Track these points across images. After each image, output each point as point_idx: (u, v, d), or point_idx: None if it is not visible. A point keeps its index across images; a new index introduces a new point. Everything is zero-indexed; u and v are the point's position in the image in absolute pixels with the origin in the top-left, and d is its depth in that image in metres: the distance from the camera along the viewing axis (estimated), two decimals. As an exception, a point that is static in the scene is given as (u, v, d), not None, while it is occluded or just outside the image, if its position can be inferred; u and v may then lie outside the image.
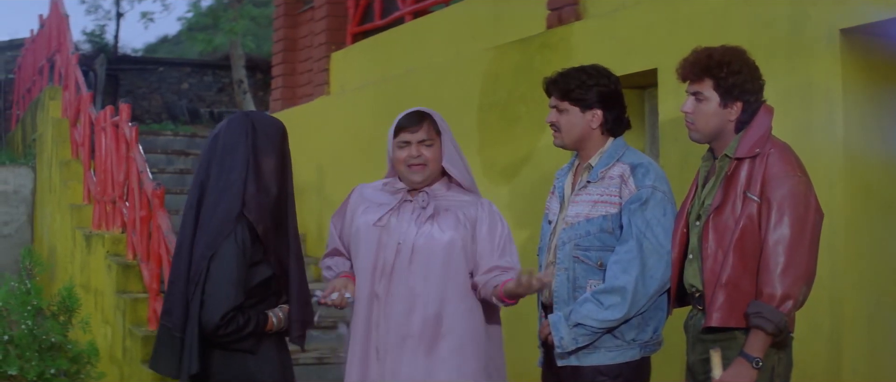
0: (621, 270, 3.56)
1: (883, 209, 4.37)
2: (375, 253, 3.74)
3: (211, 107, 17.93)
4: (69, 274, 9.26)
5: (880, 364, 4.32)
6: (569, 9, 5.93)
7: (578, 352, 3.65)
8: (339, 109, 8.41)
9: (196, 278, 3.43)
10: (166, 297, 3.62)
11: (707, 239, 3.39)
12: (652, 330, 3.68)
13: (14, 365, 5.20)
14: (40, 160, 11.52)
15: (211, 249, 3.43)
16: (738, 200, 3.34)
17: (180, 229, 3.60)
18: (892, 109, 4.43)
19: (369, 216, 3.80)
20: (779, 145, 3.39)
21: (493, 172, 6.30)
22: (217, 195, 3.50)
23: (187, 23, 20.82)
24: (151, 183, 7.43)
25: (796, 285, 3.22)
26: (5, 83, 16.69)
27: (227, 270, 3.41)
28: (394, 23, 8.21)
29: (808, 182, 3.32)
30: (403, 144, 3.79)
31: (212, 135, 3.64)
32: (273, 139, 3.60)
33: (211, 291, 3.41)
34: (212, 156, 3.57)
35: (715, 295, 3.33)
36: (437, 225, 3.75)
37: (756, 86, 3.45)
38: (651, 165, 3.72)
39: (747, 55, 3.49)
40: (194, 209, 3.54)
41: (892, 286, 4.38)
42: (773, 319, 3.20)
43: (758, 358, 3.22)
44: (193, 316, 3.43)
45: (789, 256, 3.22)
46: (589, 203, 3.71)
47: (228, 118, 3.66)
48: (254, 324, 3.48)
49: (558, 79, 3.82)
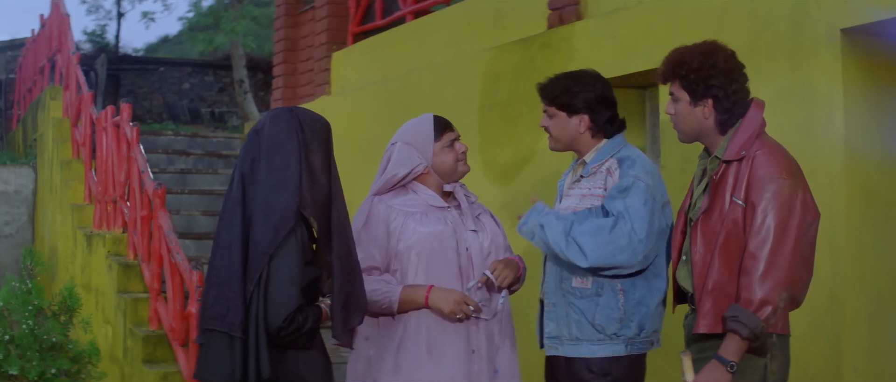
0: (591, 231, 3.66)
1: (883, 208, 4.38)
2: (456, 259, 3.75)
3: (212, 107, 17.95)
4: (70, 274, 9.26)
5: (881, 364, 4.32)
6: (570, 9, 5.94)
7: (564, 343, 3.78)
8: (340, 109, 8.41)
9: (255, 277, 3.31)
10: (214, 299, 3.39)
11: (695, 242, 3.37)
12: (636, 327, 3.72)
13: (15, 365, 5.20)
14: (41, 160, 11.53)
15: (271, 246, 3.31)
16: (726, 204, 3.31)
17: (223, 228, 3.43)
18: (893, 109, 4.44)
19: (432, 225, 3.76)
20: (767, 146, 3.34)
21: (493, 172, 6.31)
22: (270, 192, 3.39)
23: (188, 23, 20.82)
24: (152, 182, 7.43)
25: (776, 290, 3.18)
26: (6, 83, 16.70)
27: (290, 269, 3.31)
28: (395, 23, 8.21)
29: (795, 184, 3.27)
30: (452, 142, 3.86)
31: (253, 130, 3.52)
32: (320, 136, 3.53)
33: (275, 291, 3.30)
34: (257, 153, 3.45)
35: (702, 302, 3.33)
36: (486, 227, 3.88)
37: (725, 82, 3.38)
38: (639, 158, 3.78)
39: (718, 50, 3.43)
40: (240, 206, 3.40)
41: (892, 285, 4.38)
42: (748, 324, 3.16)
43: (732, 362, 3.19)
44: (254, 317, 3.30)
45: (769, 262, 3.19)
46: (578, 196, 3.81)
47: (271, 114, 3.56)
48: (312, 320, 3.40)
49: (546, 85, 3.92)
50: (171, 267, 6.76)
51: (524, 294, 4.13)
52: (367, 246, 3.77)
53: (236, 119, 16.57)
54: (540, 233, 3.76)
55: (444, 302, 3.65)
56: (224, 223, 3.44)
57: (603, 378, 3.70)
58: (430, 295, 3.67)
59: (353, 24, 8.79)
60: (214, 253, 3.45)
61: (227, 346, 3.33)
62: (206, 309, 3.40)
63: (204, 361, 3.43)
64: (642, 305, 3.72)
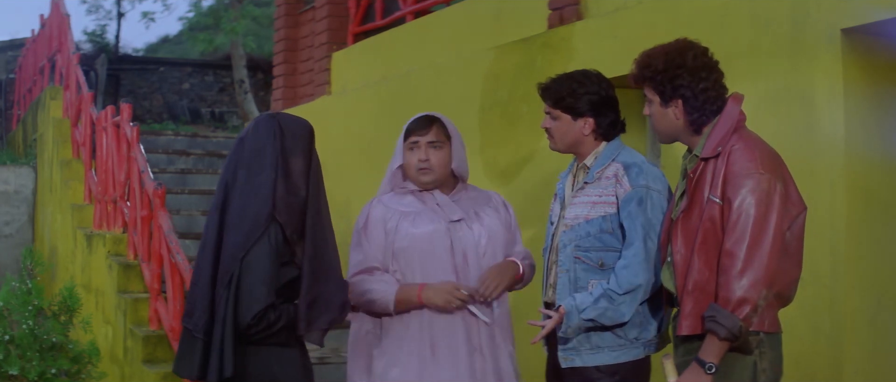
0: (633, 274, 3.58)
1: (884, 209, 4.37)
2: (451, 258, 3.77)
3: (212, 107, 17.96)
4: (70, 274, 9.26)
5: (881, 364, 4.31)
6: (570, 8, 5.93)
7: (582, 353, 3.69)
8: (340, 109, 8.41)
9: (226, 279, 3.41)
10: (187, 299, 3.59)
11: (676, 242, 3.34)
12: (655, 329, 3.71)
13: (15, 365, 5.21)
14: (41, 160, 11.53)
15: (242, 250, 3.41)
16: (704, 202, 3.26)
17: (204, 231, 3.57)
18: (894, 109, 4.43)
19: (424, 226, 3.79)
20: (744, 140, 3.27)
21: (494, 172, 6.31)
22: (246, 197, 3.48)
23: (188, 23, 20.83)
24: (152, 182, 7.43)
25: (754, 288, 3.12)
26: (6, 83, 16.70)
27: (260, 270, 3.40)
28: (395, 23, 8.21)
29: (772, 179, 3.19)
30: (413, 146, 3.83)
31: (238, 138, 3.62)
32: (300, 140, 3.58)
33: (244, 290, 3.39)
34: (238, 159, 3.55)
35: (684, 302, 3.29)
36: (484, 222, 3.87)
37: (692, 81, 3.34)
38: (644, 165, 3.74)
39: (687, 49, 3.39)
40: (219, 211, 3.52)
41: (892, 286, 4.37)
42: (726, 324, 3.12)
43: (711, 363, 3.16)
44: (221, 317, 3.40)
45: (747, 259, 3.13)
46: (587, 204, 3.74)
47: (255, 120, 3.64)
48: (285, 318, 3.46)
49: (550, 87, 3.86)
50: (171, 267, 6.77)
51: (525, 293, 4.12)
52: (367, 246, 3.83)
53: (236, 119, 16.59)
54: (591, 325, 3.63)
55: (437, 296, 3.69)
56: (206, 228, 3.58)
57: (611, 378, 3.67)
58: (422, 294, 3.71)
59: (354, 24, 8.79)
60: (197, 254, 3.62)
61: (192, 344, 3.50)
62: (184, 309, 3.60)
63: (178, 356, 3.61)
64: (660, 309, 3.70)
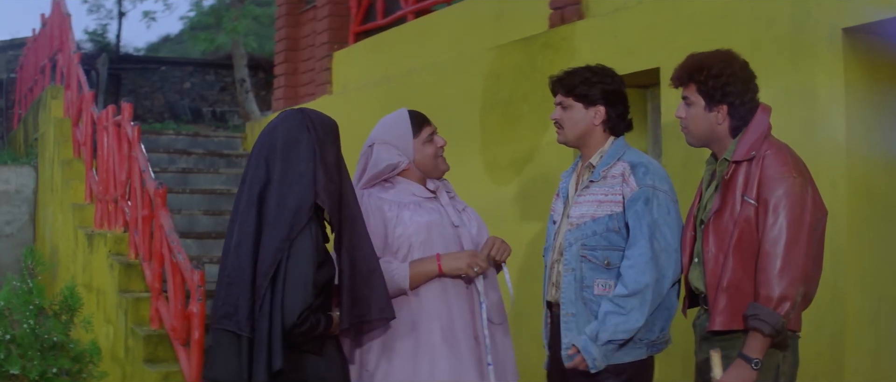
0: (639, 273, 3.59)
1: (885, 208, 4.37)
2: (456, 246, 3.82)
3: (213, 106, 17.94)
4: (71, 274, 9.26)
5: (883, 364, 4.32)
6: (571, 8, 5.93)
7: None
8: (341, 109, 8.39)
9: (271, 271, 3.31)
10: (223, 300, 3.40)
11: (707, 242, 3.43)
12: (658, 330, 3.71)
13: (16, 365, 5.20)
14: (42, 159, 11.53)
15: (287, 242, 3.33)
16: (737, 204, 3.37)
17: (237, 226, 3.43)
18: (894, 109, 4.43)
19: (424, 215, 3.82)
20: (775, 146, 3.41)
21: (495, 171, 6.31)
22: (285, 188, 3.40)
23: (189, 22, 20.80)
24: (153, 182, 7.44)
25: (793, 286, 3.25)
26: (7, 82, 16.69)
27: (305, 268, 3.33)
28: (396, 22, 8.21)
29: (805, 182, 3.33)
30: (430, 136, 3.92)
31: (265, 133, 3.54)
32: (331, 131, 3.59)
33: (291, 288, 3.30)
34: (271, 151, 3.47)
35: (717, 299, 3.38)
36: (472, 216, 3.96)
37: (741, 89, 3.47)
38: (651, 164, 3.75)
39: (735, 59, 3.51)
40: (254, 206, 3.41)
41: (894, 285, 4.38)
42: (769, 321, 3.23)
43: (757, 359, 3.26)
44: (266, 314, 3.29)
45: (785, 258, 3.25)
46: (593, 203, 3.74)
47: (282, 115, 3.59)
48: (324, 325, 3.40)
49: (564, 76, 3.89)
50: (172, 266, 6.77)
51: (525, 293, 4.13)
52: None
53: (237, 118, 16.57)
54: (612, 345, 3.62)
55: (458, 261, 3.74)
56: (235, 224, 3.45)
57: (616, 378, 3.67)
58: (442, 263, 3.75)
59: (355, 24, 8.79)
60: (225, 254, 3.47)
61: (235, 345, 3.36)
62: (216, 310, 3.43)
63: (212, 361, 3.45)
64: (664, 309, 3.70)
